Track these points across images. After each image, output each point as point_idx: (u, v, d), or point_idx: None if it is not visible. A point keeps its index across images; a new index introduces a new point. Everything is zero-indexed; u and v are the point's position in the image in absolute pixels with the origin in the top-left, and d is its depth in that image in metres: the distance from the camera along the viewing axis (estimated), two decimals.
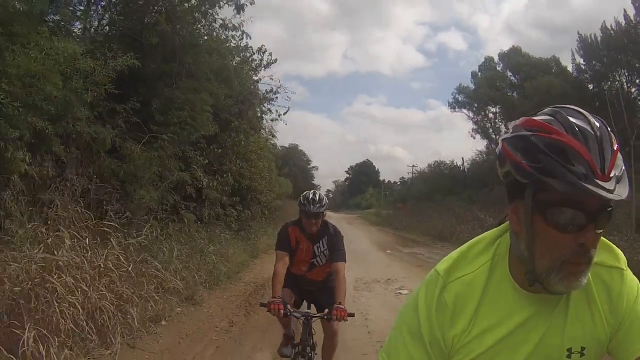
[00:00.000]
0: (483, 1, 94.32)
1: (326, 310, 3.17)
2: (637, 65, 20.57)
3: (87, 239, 3.84)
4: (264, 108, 13.48)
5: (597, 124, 0.84)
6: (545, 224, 0.85)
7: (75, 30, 6.03)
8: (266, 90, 13.15)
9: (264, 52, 12.61)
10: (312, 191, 3.53)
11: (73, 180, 5.11)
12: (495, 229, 1.04)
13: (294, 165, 41.11)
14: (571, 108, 0.87)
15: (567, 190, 0.79)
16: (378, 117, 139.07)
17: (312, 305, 3.64)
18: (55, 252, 3.47)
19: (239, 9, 9.66)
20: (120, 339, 3.72)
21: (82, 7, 6.22)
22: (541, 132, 0.84)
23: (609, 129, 0.85)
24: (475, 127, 32.74)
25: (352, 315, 3.12)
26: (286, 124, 17.57)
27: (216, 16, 9.40)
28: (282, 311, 3.01)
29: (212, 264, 6.93)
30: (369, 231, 22.05)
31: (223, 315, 5.48)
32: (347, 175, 77.43)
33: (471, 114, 33.00)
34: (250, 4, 9.66)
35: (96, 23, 6.39)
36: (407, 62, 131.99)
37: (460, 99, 33.55)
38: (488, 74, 32.19)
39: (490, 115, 32.47)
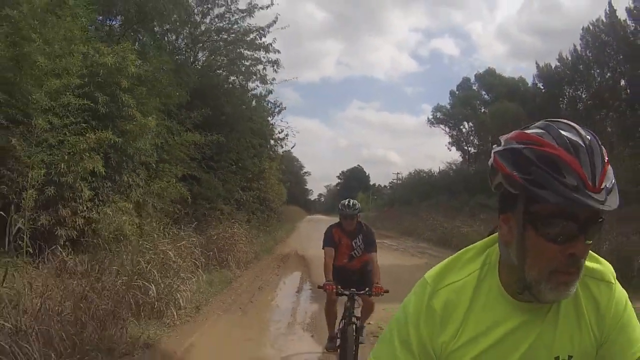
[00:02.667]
0: (477, 8, 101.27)
1: (367, 289, 4.12)
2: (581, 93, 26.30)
3: (235, 225, 10.37)
4: (276, 143, 19.83)
5: (588, 137, 0.88)
6: (536, 234, 0.89)
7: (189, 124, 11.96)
8: (279, 130, 19.49)
9: (280, 106, 18.87)
10: (347, 199, 4.63)
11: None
12: (485, 239, 1.08)
13: (289, 172, 47.18)
14: (563, 122, 0.91)
15: (558, 202, 0.83)
16: (372, 122, 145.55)
17: (352, 290, 4.28)
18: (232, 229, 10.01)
19: (264, 82, 15.92)
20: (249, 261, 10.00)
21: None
22: (533, 145, 0.88)
23: (599, 142, 0.89)
24: (451, 140, 39.57)
25: (387, 291, 4.04)
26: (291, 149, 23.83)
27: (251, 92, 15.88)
28: (334, 290, 4.11)
29: (258, 244, 13.22)
30: None
31: (272, 264, 11.75)
32: (339, 180, 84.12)
33: (447, 129, 39.78)
34: (273, 79, 15.90)
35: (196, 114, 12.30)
36: (401, 67, 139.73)
37: (438, 116, 40.38)
38: (464, 94, 38.66)
39: (464, 130, 39.21)
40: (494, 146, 0.97)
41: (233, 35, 14.83)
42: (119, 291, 4.53)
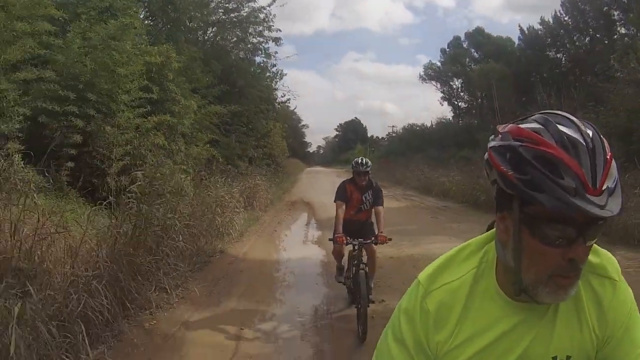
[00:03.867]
0: None
1: (372, 238, 4.85)
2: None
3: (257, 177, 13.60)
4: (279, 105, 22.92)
5: (589, 132, 0.85)
6: (533, 237, 0.87)
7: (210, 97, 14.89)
8: (281, 94, 22.55)
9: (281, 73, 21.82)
10: (360, 157, 5.34)
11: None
12: (483, 235, 1.07)
13: (289, 127, 50.11)
14: (562, 115, 0.88)
15: (555, 207, 0.80)
16: (367, 74, 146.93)
17: (360, 240, 4.97)
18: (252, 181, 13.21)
19: (268, 57, 18.85)
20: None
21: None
22: (530, 143, 0.85)
23: (601, 136, 0.85)
24: (442, 96, 42.38)
25: (390, 239, 4.81)
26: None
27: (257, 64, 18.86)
28: (344, 240, 4.81)
29: (271, 193, 16.46)
30: None
31: (284, 208, 15.01)
32: (337, 132, 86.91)
33: (439, 85, 42.49)
34: (276, 52, 18.80)
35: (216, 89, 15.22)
36: (396, 19, 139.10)
37: (430, 73, 43.03)
38: (454, 51, 41.04)
39: (454, 86, 41.94)
40: (490, 138, 0.94)
41: (242, 14, 17.72)
42: (200, 221, 7.68)
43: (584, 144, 0.84)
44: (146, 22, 14.03)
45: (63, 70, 8.80)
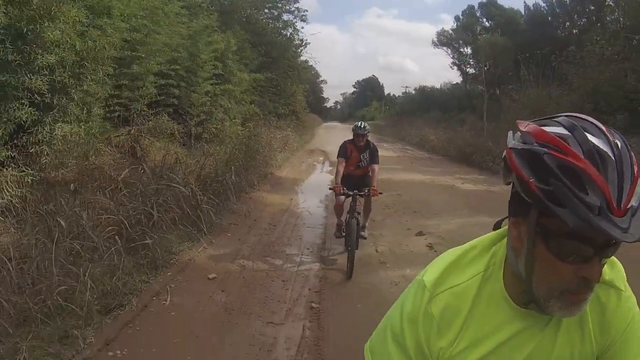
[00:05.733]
0: None
1: (366, 190, 5.81)
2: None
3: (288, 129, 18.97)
4: (303, 69, 28.05)
5: (619, 144, 0.83)
6: (547, 251, 0.87)
7: (252, 67, 20.07)
8: (304, 59, 27.64)
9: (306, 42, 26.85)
10: (360, 122, 6.36)
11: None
12: (491, 233, 1.06)
13: (308, 87, 54.97)
14: (589, 121, 0.86)
15: (576, 225, 0.79)
16: (389, 30, 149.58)
17: (355, 191, 5.90)
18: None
19: (295, 31, 23.93)
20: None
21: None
22: (555, 151, 0.83)
23: (629, 148, 0.84)
24: (453, 61, 46.63)
25: (381, 193, 5.91)
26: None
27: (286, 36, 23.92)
28: (342, 190, 5.77)
29: (296, 142, 21.82)
30: None
31: (306, 153, 20.42)
32: (355, 89, 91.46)
33: (450, 51, 46.69)
34: (302, 27, 23.84)
35: (256, 61, 20.44)
36: None
37: (442, 39, 47.24)
38: (467, 20, 44.68)
39: (465, 53, 46.05)
40: (508, 134, 0.92)
41: None
42: (254, 152, 13.05)
43: (613, 158, 0.81)
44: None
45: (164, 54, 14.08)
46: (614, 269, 1.03)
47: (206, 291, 4.89)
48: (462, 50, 45.43)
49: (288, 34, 24.59)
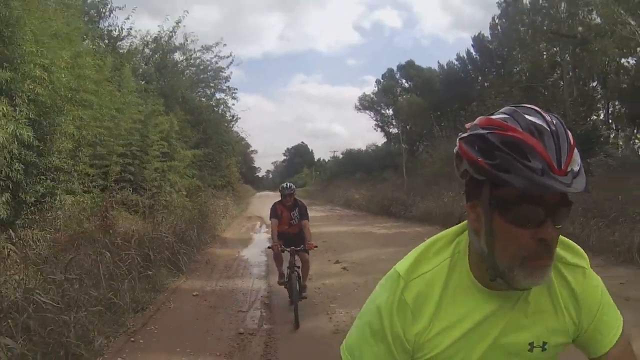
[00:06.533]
0: None
1: (302, 246, 6.37)
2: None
3: (227, 198, 21.59)
4: (236, 143, 31.09)
5: (554, 121, 0.94)
6: (504, 220, 0.95)
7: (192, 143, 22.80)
8: (236, 134, 30.73)
9: (237, 116, 30.02)
10: (285, 183, 7.09)
11: None
12: (454, 227, 1.15)
13: (239, 153, 57.88)
14: (528, 107, 0.97)
15: (523, 185, 0.89)
16: (314, 96, 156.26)
17: (292, 247, 6.45)
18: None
19: (227, 107, 27.10)
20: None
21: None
22: (497, 130, 0.94)
23: (565, 126, 0.94)
24: (376, 123, 50.78)
25: (316, 246, 6.63)
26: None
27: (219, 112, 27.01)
28: (279, 248, 6.40)
29: (235, 208, 24.45)
30: None
31: (244, 219, 23.07)
32: (285, 157, 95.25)
33: (372, 114, 51.01)
34: (233, 104, 27.05)
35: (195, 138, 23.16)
36: (343, 40, 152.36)
37: (364, 103, 51.71)
38: (387, 83, 48.62)
39: (386, 115, 50.28)
40: (459, 134, 1.03)
41: (208, 75, 25.87)
42: (205, 217, 15.62)
43: (549, 129, 0.92)
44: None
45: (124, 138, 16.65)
46: (577, 254, 1.14)
47: (194, 300, 7.52)
48: (383, 112, 49.22)
49: (220, 110, 27.64)
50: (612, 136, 21.69)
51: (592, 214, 10.51)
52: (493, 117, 0.98)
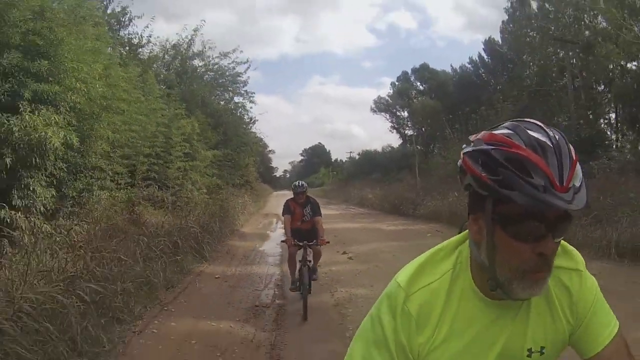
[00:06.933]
0: None
1: (315, 240, 6.67)
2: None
3: (245, 196, 22.85)
4: (254, 144, 32.39)
5: (556, 137, 0.97)
6: (505, 234, 0.99)
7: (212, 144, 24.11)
8: (254, 135, 32.03)
9: (254, 119, 31.31)
10: (298, 181, 7.35)
11: None
12: (455, 237, 1.19)
13: (259, 158, 58.87)
14: (531, 122, 1.00)
15: (526, 202, 0.92)
16: (332, 97, 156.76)
17: (305, 242, 6.73)
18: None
19: (245, 110, 28.39)
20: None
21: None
22: (501, 147, 0.97)
23: (567, 141, 0.98)
24: (392, 125, 51.62)
25: (328, 242, 6.98)
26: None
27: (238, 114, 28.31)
28: (293, 242, 6.69)
29: (253, 206, 25.69)
30: None
31: (261, 216, 24.26)
32: (302, 157, 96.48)
33: (388, 116, 51.69)
34: (251, 107, 28.28)
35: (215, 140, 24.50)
36: (359, 42, 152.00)
37: (380, 105, 52.62)
38: (402, 85, 49.28)
39: (402, 117, 50.98)
40: (463, 146, 1.06)
41: (227, 78, 27.14)
42: (226, 212, 16.84)
43: (552, 145, 0.95)
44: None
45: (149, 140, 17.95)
46: (573, 258, 1.18)
47: (216, 281, 8.70)
48: (398, 114, 49.99)
49: (239, 113, 28.91)
50: (619, 140, 22.38)
51: (583, 212, 11.37)
52: (496, 132, 1.01)
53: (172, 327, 6.02)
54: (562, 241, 1.08)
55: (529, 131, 0.97)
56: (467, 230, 1.12)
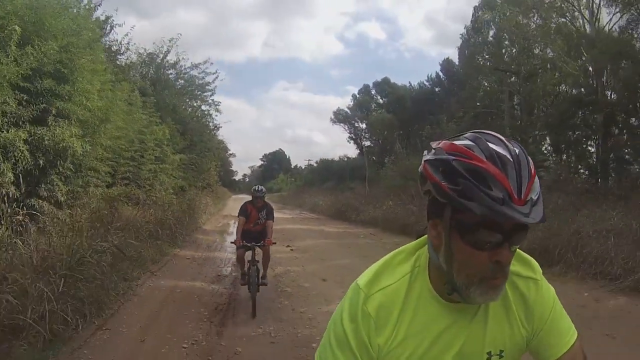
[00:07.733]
0: None
1: (262, 242, 7.25)
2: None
3: (207, 197, 25.75)
4: (217, 148, 35.21)
5: (516, 150, 1.00)
6: (463, 242, 1.02)
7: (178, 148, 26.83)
8: (216, 140, 34.85)
9: (219, 125, 34.12)
10: (257, 185, 7.89)
11: None
12: (414, 241, 1.23)
13: (220, 163, 61.25)
14: (491, 134, 1.04)
15: (484, 213, 0.95)
16: (296, 103, 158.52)
17: (253, 242, 7.30)
18: None
19: (211, 119, 31.22)
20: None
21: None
22: (462, 157, 1.00)
23: (527, 155, 1.01)
24: (349, 135, 54.32)
25: (274, 243, 7.54)
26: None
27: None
28: (241, 243, 7.22)
29: (213, 207, 28.47)
30: None
31: (221, 217, 27.09)
32: (262, 162, 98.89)
33: (347, 127, 54.32)
34: (216, 115, 31.19)
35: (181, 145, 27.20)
36: (327, 50, 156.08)
37: (339, 117, 55.56)
38: (363, 98, 52.39)
39: (360, 128, 53.66)
40: (424, 153, 1.09)
41: (196, 87, 29.93)
42: (192, 211, 19.64)
43: (511, 159, 0.98)
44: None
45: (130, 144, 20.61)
46: (530, 267, 1.22)
47: (188, 261, 11.68)
48: (357, 125, 52.79)
49: (205, 121, 31.70)
50: (546, 162, 25.59)
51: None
52: (457, 142, 1.04)
53: (162, 284, 8.98)
54: (520, 250, 1.18)
55: (489, 144, 1.01)
56: (426, 236, 1.18)
